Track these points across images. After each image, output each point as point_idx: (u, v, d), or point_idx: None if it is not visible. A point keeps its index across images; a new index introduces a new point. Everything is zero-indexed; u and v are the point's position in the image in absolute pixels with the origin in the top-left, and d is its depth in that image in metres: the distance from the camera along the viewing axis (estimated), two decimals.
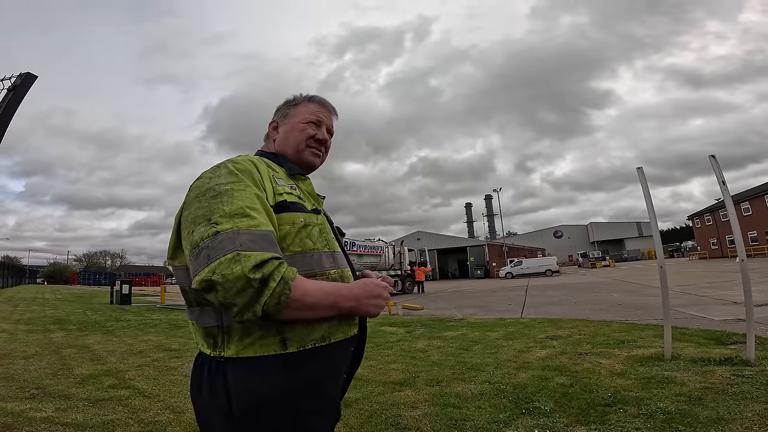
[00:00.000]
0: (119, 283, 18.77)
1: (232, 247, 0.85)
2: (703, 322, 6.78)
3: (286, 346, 0.96)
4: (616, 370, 4.22)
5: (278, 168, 1.19)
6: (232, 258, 0.84)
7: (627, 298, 11.77)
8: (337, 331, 1.05)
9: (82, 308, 15.96)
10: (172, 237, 1.05)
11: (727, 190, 4.49)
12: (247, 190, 0.98)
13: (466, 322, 8.88)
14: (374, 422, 3.25)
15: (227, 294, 0.83)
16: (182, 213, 1.01)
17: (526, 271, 39.10)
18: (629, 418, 2.99)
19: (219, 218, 0.90)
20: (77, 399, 4.04)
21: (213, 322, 0.99)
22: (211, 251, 0.85)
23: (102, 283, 61.98)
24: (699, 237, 56.47)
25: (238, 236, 0.87)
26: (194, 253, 0.88)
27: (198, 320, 1.03)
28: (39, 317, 12.29)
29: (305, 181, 1.25)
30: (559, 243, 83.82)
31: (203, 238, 0.88)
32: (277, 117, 1.35)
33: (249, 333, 0.95)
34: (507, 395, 3.69)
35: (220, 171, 1.03)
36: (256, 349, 0.95)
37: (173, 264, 1.07)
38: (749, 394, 3.22)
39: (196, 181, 1.04)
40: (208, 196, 0.96)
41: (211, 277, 0.83)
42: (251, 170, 1.04)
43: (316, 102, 1.35)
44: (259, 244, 0.88)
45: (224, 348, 0.97)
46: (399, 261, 24.62)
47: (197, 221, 0.92)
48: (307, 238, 1.07)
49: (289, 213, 1.06)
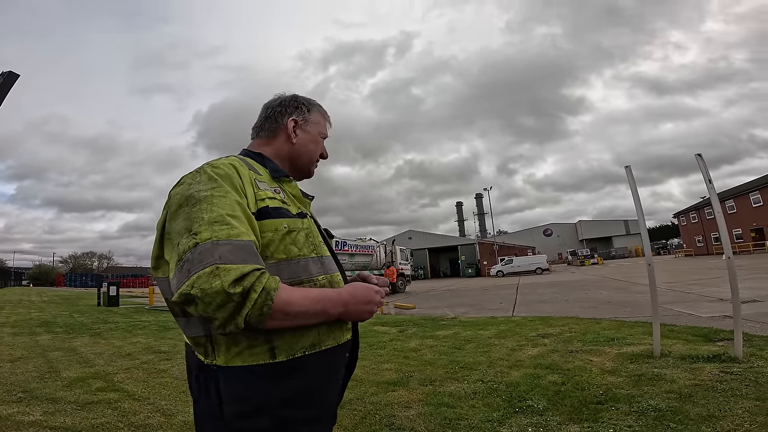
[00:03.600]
0: (106, 284, 18.52)
1: (211, 260, 0.83)
2: (690, 319, 6.88)
3: (275, 355, 0.95)
4: (606, 367, 4.26)
5: (262, 170, 1.15)
6: (210, 272, 0.82)
7: (616, 296, 11.91)
8: (328, 337, 1.03)
9: (68, 310, 15.71)
10: (155, 246, 1.02)
11: (713, 189, 4.55)
12: (227, 197, 0.95)
13: (458, 320, 8.91)
14: (368, 423, 3.24)
15: (207, 308, 0.82)
16: (166, 223, 0.97)
17: (516, 269, 39.41)
18: (621, 415, 3.02)
19: (198, 227, 0.88)
20: (65, 402, 3.97)
21: (200, 332, 0.97)
22: (191, 265, 0.84)
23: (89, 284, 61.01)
24: (685, 234, 57.32)
25: (216, 248, 0.85)
26: (178, 267, 0.86)
27: (185, 330, 1.02)
28: (25, 320, 12.08)
29: (290, 183, 1.20)
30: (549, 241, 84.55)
31: (185, 250, 0.86)
32: (298, 116, 1.27)
33: (236, 342, 0.93)
34: (500, 394, 3.70)
35: (200, 177, 1.00)
36: (245, 359, 0.93)
37: (157, 275, 1.04)
38: (738, 391, 3.27)
39: (176, 188, 1.01)
40: (189, 204, 0.94)
41: (190, 291, 0.81)
42: (231, 175, 1.01)
43: (327, 117, 1.35)
44: (239, 255, 0.86)
45: (215, 357, 0.96)
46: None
47: (182, 233, 0.90)
48: (292, 244, 1.05)
49: (271, 219, 1.03)
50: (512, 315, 9.44)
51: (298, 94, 1.33)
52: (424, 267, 53.04)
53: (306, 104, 1.30)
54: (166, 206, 1.00)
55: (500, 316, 9.36)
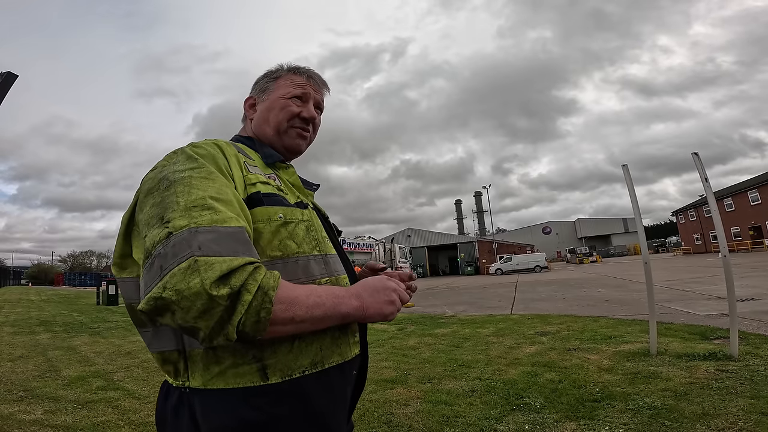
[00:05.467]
0: (105, 283, 18.52)
1: (188, 252, 0.64)
2: (687, 317, 6.92)
3: (267, 376, 0.76)
4: (603, 365, 4.29)
5: (254, 154, 0.99)
6: (187, 267, 0.63)
7: (614, 294, 11.94)
8: (333, 353, 0.85)
9: (67, 309, 15.73)
10: (118, 241, 0.83)
11: (709, 187, 4.58)
12: (210, 177, 0.77)
13: (456, 319, 8.95)
14: (366, 420, 3.27)
15: (186, 316, 0.62)
16: (136, 215, 0.79)
17: (515, 267, 39.44)
18: (617, 413, 3.05)
19: (171, 214, 0.70)
20: (66, 401, 3.99)
21: (170, 345, 0.80)
22: (163, 260, 0.65)
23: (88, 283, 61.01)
24: (683, 232, 57.45)
25: (195, 236, 0.66)
26: (146, 265, 0.67)
27: (151, 344, 0.83)
28: (24, 319, 12.10)
29: (287, 170, 1.03)
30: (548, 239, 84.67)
31: (155, 243, 0.67)
32: (255, 93, 1.13)
33: (217, 360, 0.75)
34: (498, 392, 3.73)
35: (177, 157, 0.82)
36: (229, 380, 0.75)
37: (121, 275, 0.86)
38: (733, 389, 3.30)
39: (149, 173, 0.82)
40: (161, 188, 0.75)
41: (162, 294, 0.62)
42: (215, 154, 0.84)
43: (302, 73, 1.12)
44: (226, 245, 0.67)
45: (188, 377, 0.78)
46: (390, 258, 24.74)
47: (150, 223, 0.72)
48: (288, 238, 0.86)
49: (264, 207, 0.84)
50: (511, 313, 9.48)
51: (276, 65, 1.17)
52: (423, 265, 53.09)
53: (272, 73, 1.13)
54: (136, 195, 0.82)
55: (499, 314, 9.40)
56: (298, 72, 1.12)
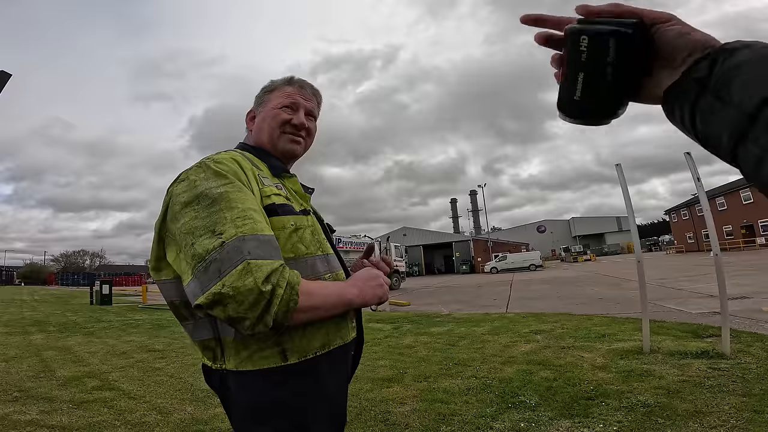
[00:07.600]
0: (99, 283, 18.42)
1: (241, 257, 0.80)
2: (680, 315, 6.99)
3: (287, 357, 0.92)
4: (597, 363, 4.34)
5: (262, 164, 1.11)
6: (243, 269, 0.78)
7: (607, 292, 12.05)
8: (337, 337, 1.02)
9: (61, 309, 15.63)
10: (154, 247, 0.98)
11: (701, 186, 4.63)
12: (243, 192, 0.91)
13: (452, 317, 8.98)
14: (363, 419, 3.28)
15: (239, 308, 0.77)
16: (168, 223, 0.92)
17: (510, 266, 39.61)
18: (611, 411, 3.09)
19: (222, 227, 0.84)
20: (61, 401, 3.98)
21: (208, 334, 0.96)
22: (221, 264, 0.79)
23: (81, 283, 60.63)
24: (676, 231, 57.92)
25: (244, 243, 0.81)
26: (200, 268, 0.81)
27: (193, 334, 1.00)
28: (17, 319, 12.01)
29: (291, 179, 1.17)
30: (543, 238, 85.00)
31: (209, 250, 0.82)
32: (254, 106, 1.26)
33: (245, 346, 0.91)
34: (493, 390, 3.76)
35: (204, 173, 0.94)
36: (256, 362, 0.91)
37: (159, 277, 1.00)
38: (725, 387, 3.35)
39: (178, 185, 0.94)
40: (203, 204, 0.88)
41: (221, 290, 0.77)
42: (236, 171, 0.96)
43: (294, 84, 1.24)
44: (266, 250, 0.84)
45: (224, 361, 0.94)
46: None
47: (197, 232, 0.85)
48: (299, 242, 1.01)
49: (279, 217, 0.99)
50: (506, 311, 9.53)
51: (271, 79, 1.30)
52: (419, 264, 53.13)
53: (268, 87, 1.26)
54: (166, 205, 0.95)
55: (494, 312, 9.44)
56: (290, 83, 1.25)
